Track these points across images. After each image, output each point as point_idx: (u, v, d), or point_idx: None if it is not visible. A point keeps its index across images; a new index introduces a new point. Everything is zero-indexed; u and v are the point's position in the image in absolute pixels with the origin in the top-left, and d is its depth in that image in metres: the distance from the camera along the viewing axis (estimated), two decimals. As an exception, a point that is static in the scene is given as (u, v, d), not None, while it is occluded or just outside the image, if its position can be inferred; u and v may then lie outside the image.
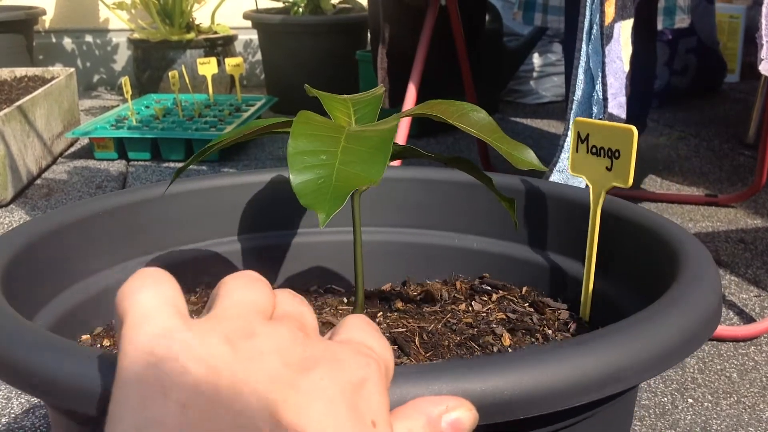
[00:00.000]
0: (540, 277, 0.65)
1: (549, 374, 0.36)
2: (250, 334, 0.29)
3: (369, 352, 0.31)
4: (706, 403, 0.93)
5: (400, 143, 0.81)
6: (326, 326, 0.56)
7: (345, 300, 0.64)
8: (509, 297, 0.63)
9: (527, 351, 0.38)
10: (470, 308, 0.61)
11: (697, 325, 0.42)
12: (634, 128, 0.55)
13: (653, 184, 1.75)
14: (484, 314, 0.60)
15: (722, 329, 1.07)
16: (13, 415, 0.90)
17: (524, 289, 0.65)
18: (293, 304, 0.33)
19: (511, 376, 0.36)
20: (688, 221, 1.52)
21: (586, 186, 0.58)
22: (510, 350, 0.55)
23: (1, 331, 0.40)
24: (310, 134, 0.45)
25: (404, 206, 0.69)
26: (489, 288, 0.65)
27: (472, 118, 0.51)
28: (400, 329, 0.57)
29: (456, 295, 0.64)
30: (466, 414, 0.32)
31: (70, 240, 0.57)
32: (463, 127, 0.50)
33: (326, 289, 0.68)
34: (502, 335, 0.57)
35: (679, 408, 0.92)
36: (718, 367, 1.01)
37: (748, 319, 1.14)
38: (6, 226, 1.50)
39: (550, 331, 0.58)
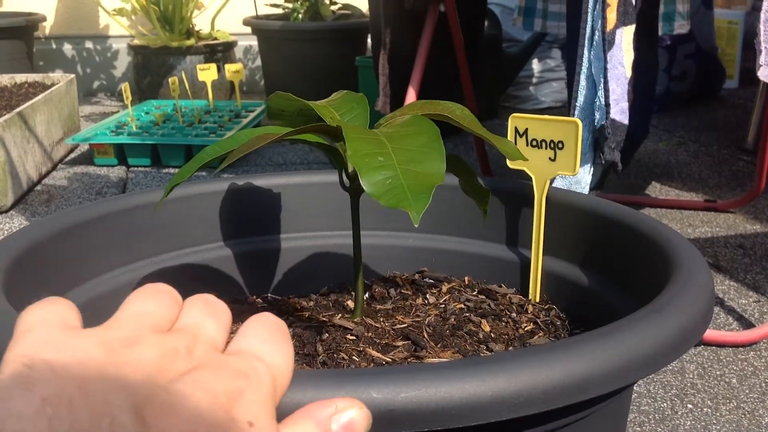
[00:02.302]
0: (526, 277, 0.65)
1: (541, 375, 0.37)
2: (132, 342, 0.30)
3: (255, 363, 0.31)
4: (705, 409, 0.93)
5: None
6: (337, 329, 0.57)
7: (347, 303, 0.64)
8: (457, 288, 0.65)
9: (522, 352, 0.38)
10: (426, 301, 0.63)
11: (687, 328, 0.43)
12: (578, 120, 0.60)
13: (652, 189, 1.76)
14: (443, 306, 0.62)
15: (721, 335, 1.08)
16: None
17: (467, 278, 0.67)
18: (196, 316, 0.33)
19: (508, 377, 0.36)
20: (687, 227, 1.52)
21: (529, 178, 0.62)
22: (492, 335, 0.58)
23: (5, 332, 0.40)
24: (361, 137, 0.46)
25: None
26: (432, 281, 0.66)
27: (459, 115, 0.52)
28: (400, 325, 0.58)
29: (403, 291, 0.65)
30: (357, 414, 0.32)
31: (71, 243, 0.57)
32: (454, 121, 0.51)
33: (323, 292, 0.68)
34: (480, 323, 0.59)
35: (679, 413, 0.92)
36: (718, 372, 1.01)
37: (747, 324, 1.14)
38: (6, 231, 1.50)
39: (514, 314, 0.61)
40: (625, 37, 1.00)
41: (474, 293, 0.65)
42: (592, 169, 1.02)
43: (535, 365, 0.37)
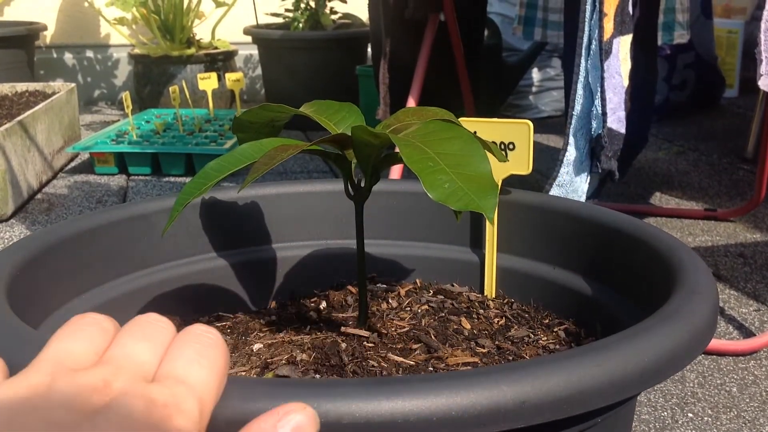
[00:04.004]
0: (546, 291, 0.65)
1: (548, 384, 0.36)
2: (47, 386, 0.29)
3: (177, 389, 0.30)
4: (706, 418, 0.93)
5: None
6: (352, 338, 0.57)
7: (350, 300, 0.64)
8: (413, 290, 0.66)
9: (525, 363, 0.38)
10: (390, 305, 0.63)
11: (694, 337, 0.42)
12: (529, 122, 0.62)
13: (653, 198, 1.76)
14: (408, 308, 0.63)
15: (722, 343, 1.07)
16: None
17: (418, 281, 0.68)
18: (127, 344, 0.32)
19: (511, 387, 0.36)
20: (687, 235, 1.52)
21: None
22: (474, 332, 0.59)
23: (8, 341, 0.40)
24: (408, 144, 0.46)
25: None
26: (385, 286, 0.67)
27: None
28: (402, 330, 0.59)
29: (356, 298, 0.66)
30: (303, 417, 0.32)
31: (74, 252, 0.57)
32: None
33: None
34: (461, 321, 0.61)
35: (679, 422, 0.92)
36: (718, 381, 1.01)
37: (747, 333, 1.14)
38: (6, 240, 1.50)
39: (481, 311, 0.63)
40: (623, 46, 1.00)
41: (431, 294, 0.66)
42: (588, 177, 1.02)
43: (544, 375, 0.37)
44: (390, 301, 0.64)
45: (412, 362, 0.54)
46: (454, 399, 0.35)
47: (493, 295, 0.67)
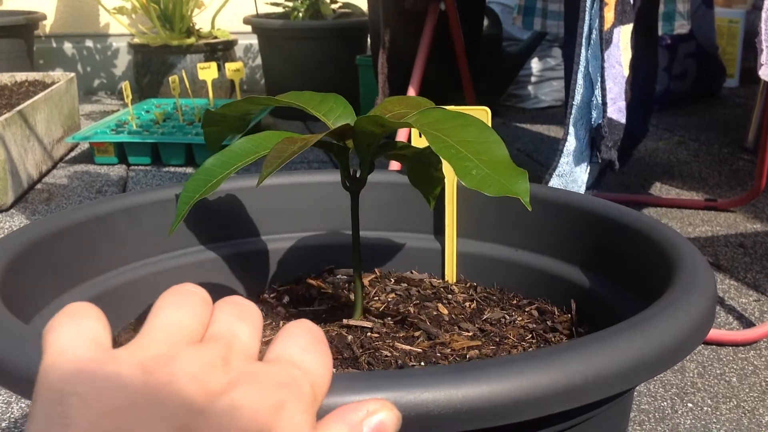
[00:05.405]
0: (542, 284, 0.65)
1: (547, 378, 0.36)
2: (168, 359, 0.29)
3: (294, 372, 0.31)
4: (705, 408, 0.93)
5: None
6: (355, 329, 0.58)
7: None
8: (376, 280, 0.67)
9: (523, 356, 0.38)
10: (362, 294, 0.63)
11: (693, 328, 0.42)
12: (487, 108, 0.64)
13: (653, 188, 1.76)
14: (377, 298, 0.63)
15: (722, 334, 1.07)
16: (13, 420, 0.90)
17: (377, 270, 0.69)
18: (227, 322, 0.32)
19: (509, 381, 0.36)
20: (687, 226, 1.52)
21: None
22: (453, 317, 0.60)
23: None
24: (431, 133, 0.46)
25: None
26: (346, 277, 0.68)
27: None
28: (397, 318, 0.59)
29: (323, 290, 0.66)
30: (388, 415, 0.32)
31: (67, 244, 0.57)
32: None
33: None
34: (437, 307, 0.61)
35: (679, 412, 0.92)
36: (718, 371, 1.01)
37: (747, 323, 1.14)
38: (6, 230, 1.50)
39: (449, 296, 0.64)
40: (623, 36, 0.99)
41: (394, 283, 0.66)
42: (589, 168, 1.02)
43: (547, 367, 0.37)
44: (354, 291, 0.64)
45: (419, 350, 0.54)
46: (536, 380, 0.36)
47: (454, 281, 0.68)
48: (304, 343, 0.33)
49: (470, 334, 0.57)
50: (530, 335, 0.58)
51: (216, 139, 0.56)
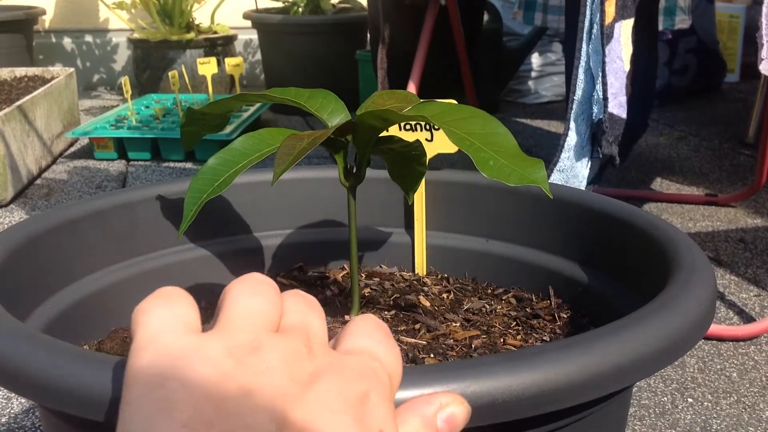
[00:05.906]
0: (538, 278, 0.65)
1: (547, 374, 0.36)
2: (256, 347, 0.29)
3: (373, 362, 0.31)
4: (706, 403, 0.93)
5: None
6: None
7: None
8: (347, 276, 0.67)
9: (523, 353, 0.38)
10: (333, 292, 0.63)
11: (693, 324, 0.42)
12: (454, 102, 0.62)
13: (653, 183, 1.75)
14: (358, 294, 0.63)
15: (722, 329, 1.07)
16: (13, 415, 0.90)
17: (345, 266, 0.68)
18: (300, 312, 0.33)
19: (512, 377, 0.36)
20: (687, 221, 1.52)
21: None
22: (436, 308, 0.60)
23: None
24: (445, 126, 0.46)
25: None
26: (317, 274, 0.67)
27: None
28: (390, 312, 0.59)
29: (294, 285, 0.66)
30: (459, 408, 0.33)
31: (64, 240, 0.56)
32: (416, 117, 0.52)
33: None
34: (419, 300, 0.61)
35: (679, 407, 0.92)
36: (718, 366, 1.01)
37: (747, 318, 1.14)
38: (6, 226, 1.50)
39: (425, 288, 0.64)
40: (624, 30, 0.99)
41: (365, 278, 0.66)
42: (589, 163, 1.01)
43: (548, 364, 0.37)
44: (332, 287, 0.64)
45: (424, 342, 0.54)
46: (578, 367, 0.37)
47: (425, 273, 0.68)
48: (378, 336, 0.33)
49: (458, 324, 0.58)
50: (515, 323, 0.58)
51: (192, 138, 0.55)
